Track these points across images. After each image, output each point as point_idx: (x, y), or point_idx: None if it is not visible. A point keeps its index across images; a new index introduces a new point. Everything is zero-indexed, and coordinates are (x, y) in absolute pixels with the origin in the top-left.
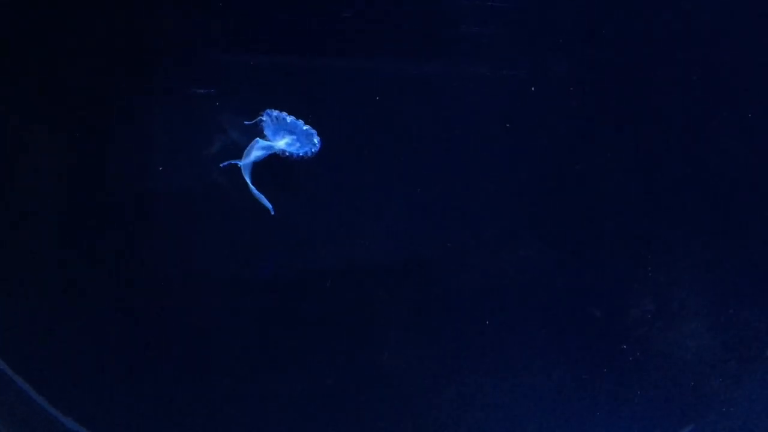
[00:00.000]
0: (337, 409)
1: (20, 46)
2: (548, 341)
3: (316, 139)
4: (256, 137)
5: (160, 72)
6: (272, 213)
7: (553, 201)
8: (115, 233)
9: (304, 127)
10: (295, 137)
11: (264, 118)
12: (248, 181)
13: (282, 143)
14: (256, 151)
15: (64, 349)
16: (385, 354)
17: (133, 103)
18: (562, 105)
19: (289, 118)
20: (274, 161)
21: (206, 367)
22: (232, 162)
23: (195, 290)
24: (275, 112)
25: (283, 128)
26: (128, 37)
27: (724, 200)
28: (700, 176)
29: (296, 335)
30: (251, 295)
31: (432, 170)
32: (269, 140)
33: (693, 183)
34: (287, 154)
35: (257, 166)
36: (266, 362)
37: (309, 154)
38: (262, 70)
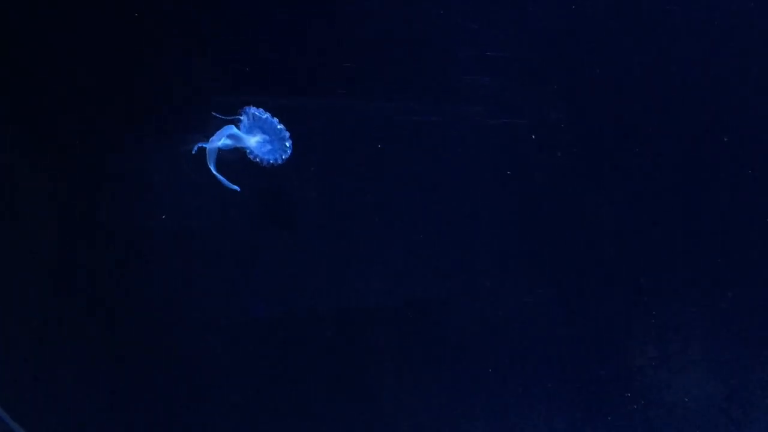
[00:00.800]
0: None
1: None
2: (550, 388)
3: (288, 143)
4: (231, 125)
5: (159, 120)
6: (238, 190)
7: (554, 247)
8: (111, 278)
9: (279, 126)
10: (267, 137)
11: (242, 117)
12: (212, 165)
13: (253, 141)
14: (225, 139)
15: (58, 397)
16: (382, 398)
17: (131, 148)
18: (563, 152)
19: (265, 115)
20: (276, 204)
21: (202, 410)
22: (200, 145)
23: (189, 333)
24: (253, 109)
25: (257, 126)
26: (126, 86)
27: (726, 246)
28: (703, 222)
29: (291, 377)
30: (246, 337)
31: (432, 215)
32: (241, 135)
33: (696, 229)
34: (257, 158)
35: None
36: (261, 407)
37: (279, 160)
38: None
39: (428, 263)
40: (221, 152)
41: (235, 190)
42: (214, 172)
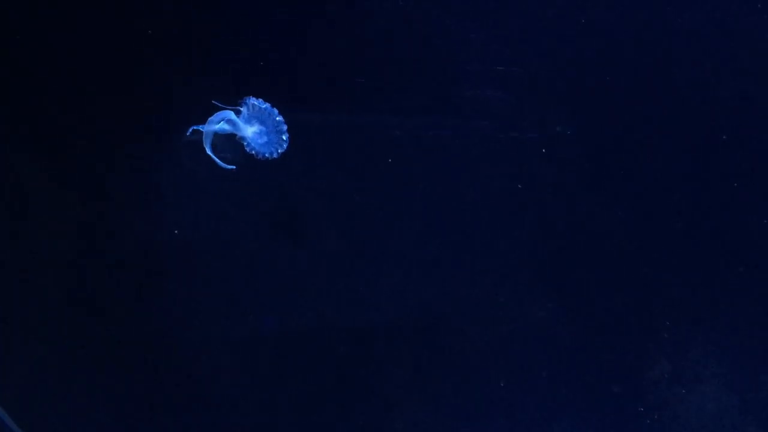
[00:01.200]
0: None
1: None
2: (562, 403)
3: (285, 137)
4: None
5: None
6: (234, 168)
7: (565, 262)
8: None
9: (278, 118)
10: (265, 129)
11: (241, 108)
12: (207, 147)
13: (250, 131)
14: (223, 124)
15: (67, 410)
16: (392, 414)
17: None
18: (574, 166)
19: (265, 105)
20: (285, 218)
21: (209, 426)
22: (195, 128)
23: (198, 348)
24: (253, 99)
25: (256, 116)
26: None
27: (739, 260)
28: (717, 237)
29: (300, 393)
30: (256, 353)
31: (443, 229)
32: (239, 123)
33: (709, 243)
34: (253, 150)
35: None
36: (269, 423)
37: (274, 154)
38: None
39: (439, 278)
40: (225, 157)
41: (231, 169)
42: (209, 152)
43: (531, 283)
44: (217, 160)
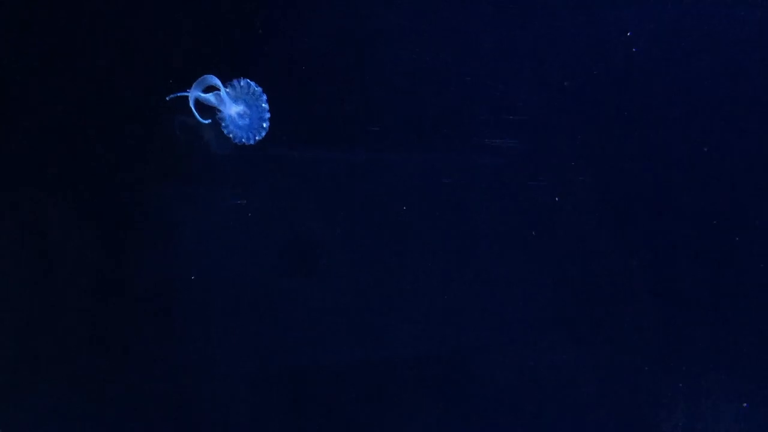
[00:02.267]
0: None
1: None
2: None
3: (265, 124)
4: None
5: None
6: (209, 122)
7: (580, 306)
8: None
9: (264, 105)
10: (248, 112)
11: (234, 84)
12: (192, 107)
13: (234, 110)
14: (210, 96)
15: None
16: None
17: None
18: (586, 214)
19: (257, 89)
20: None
21: None
22: (180, 94)
23: (213, 381)
24: (245, 81)
25: (243, 98)
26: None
27: (758, 310)
28: (737, 284)
29: (316, 427)
30: (272, 387)
31: (462, 273)
32: (225, 100)
33: (723, 290)
34: (231, 133)
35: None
36: None
37: (251, 140)
38: (289, 171)
39: (453, 323)
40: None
41: (206, 123)
42: (192, 106)
43: (548, 329)
44: (197, 114)
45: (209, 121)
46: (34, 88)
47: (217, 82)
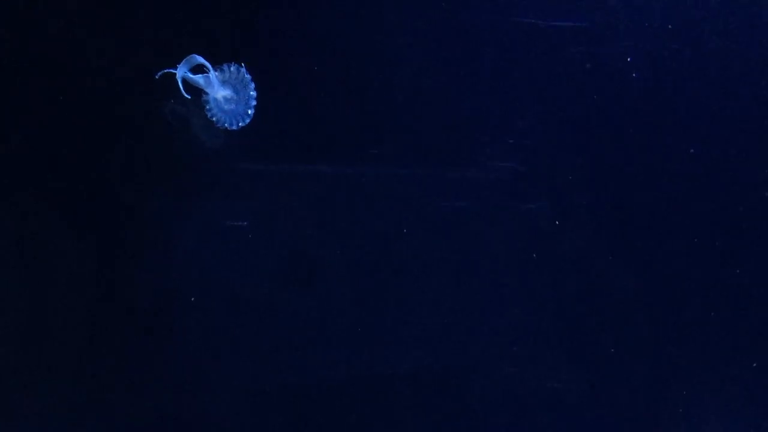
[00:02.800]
0: None
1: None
2: None
3: (250, 111)
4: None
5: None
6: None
7: (579, 327)
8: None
9: (252, 92)
10: (235, 97)
11: (224, 68)
12: (180, 85)
13: (221, 94)
14: (198, 77)
15: None
16: None
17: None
18: (586, 238)
19: (247, 76)
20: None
21: None
22: (167, 71)
23: (212, 398)
24: (234, 66)
25: (232, 82)
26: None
27: (753, 332)
28: (731, 307)
29: None
30: (269, 401)
31: (459, 291)
32: (214, 82)
33: (724, 314)
34: (214, 117)
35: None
36: None
37: (234, 126)
38: (288, 187)
39: (451, 340)
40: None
41: (187, 98)
42: (183, 91)
43: (546, 352)
44: (182, 87)
45: (190, 97)
46: (34, 90)
47: (207, 63)
